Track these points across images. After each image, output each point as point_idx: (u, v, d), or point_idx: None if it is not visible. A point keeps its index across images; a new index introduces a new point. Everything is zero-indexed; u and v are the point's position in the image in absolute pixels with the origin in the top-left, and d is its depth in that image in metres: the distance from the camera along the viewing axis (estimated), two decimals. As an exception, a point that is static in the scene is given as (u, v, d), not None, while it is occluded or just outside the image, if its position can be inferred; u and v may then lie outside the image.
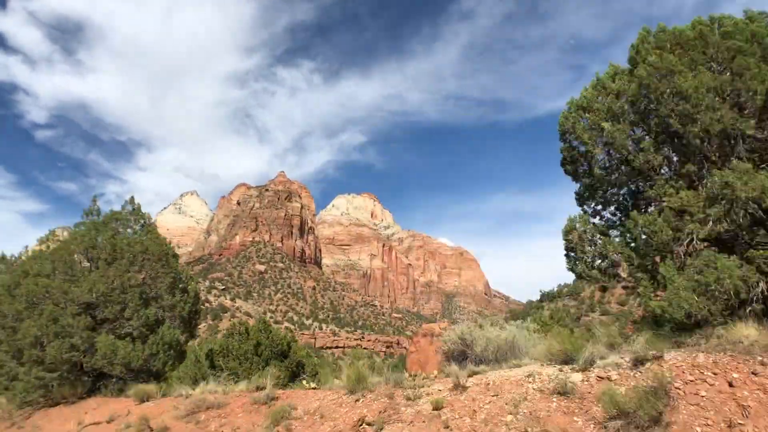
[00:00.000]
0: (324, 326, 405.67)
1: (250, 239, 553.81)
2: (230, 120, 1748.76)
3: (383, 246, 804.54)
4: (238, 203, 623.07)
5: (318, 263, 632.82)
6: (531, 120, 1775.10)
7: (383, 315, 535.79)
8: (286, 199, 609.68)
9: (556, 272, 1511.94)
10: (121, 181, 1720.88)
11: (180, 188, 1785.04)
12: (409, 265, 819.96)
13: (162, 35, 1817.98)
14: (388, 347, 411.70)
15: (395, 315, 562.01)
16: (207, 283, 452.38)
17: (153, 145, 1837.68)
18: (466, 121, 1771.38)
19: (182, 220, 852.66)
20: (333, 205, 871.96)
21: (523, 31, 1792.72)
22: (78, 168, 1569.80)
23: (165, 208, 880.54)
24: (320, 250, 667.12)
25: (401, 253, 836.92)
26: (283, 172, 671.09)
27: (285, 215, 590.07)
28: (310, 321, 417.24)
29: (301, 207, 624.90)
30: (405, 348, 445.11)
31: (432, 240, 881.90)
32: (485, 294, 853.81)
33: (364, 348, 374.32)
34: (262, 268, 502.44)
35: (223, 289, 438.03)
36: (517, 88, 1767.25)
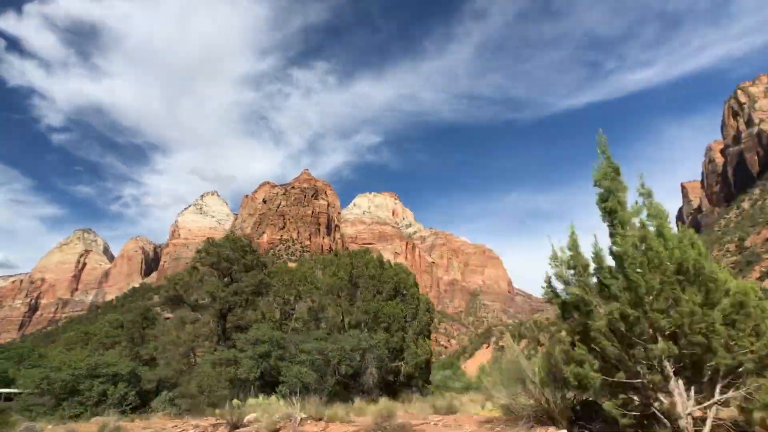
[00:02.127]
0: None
1: (278, 237, 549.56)
2: (245, 122, 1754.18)
3: (406, 244, 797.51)
4: (264, 201, 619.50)
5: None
6: (546, 118, 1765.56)
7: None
8: (312, 196, 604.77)
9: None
10: (138, 183, 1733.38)
11: (196, 190, 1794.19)
12: (433, 263, 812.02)
13: (176, 38, 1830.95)
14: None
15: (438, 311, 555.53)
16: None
17: (169, 147, 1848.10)
18: (480, 120, 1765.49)
19: (203, 221, 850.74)
20: (354, 204, 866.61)
21: (536, 29, 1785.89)
22: (95, 171, 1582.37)
23: (186, 208, 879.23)
24: (347, 248, 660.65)
25: (424, 251, 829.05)
26: (307, 170, 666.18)
27: (312, 213, 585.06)
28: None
29: (328, 205, 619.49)
30: (444, 346, 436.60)
31: (454, 238, 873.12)
32: (509, 292, 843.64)
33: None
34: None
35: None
36: (531, 86, 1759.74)
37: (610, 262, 13.52)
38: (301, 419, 18.76)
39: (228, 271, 48.18)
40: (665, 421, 12.14)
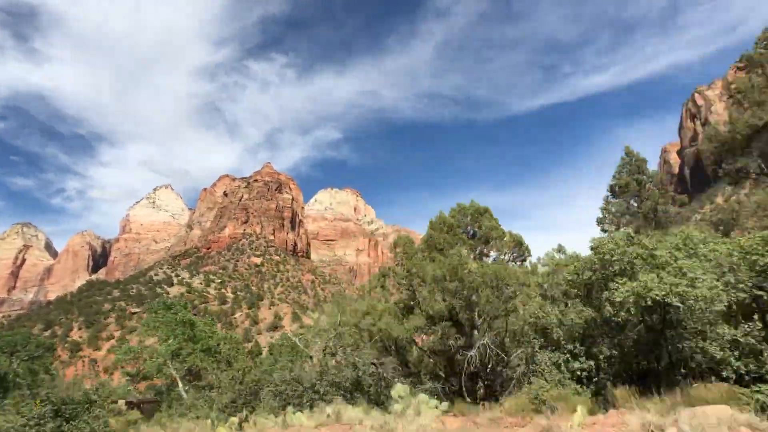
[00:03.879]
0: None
1: (241, 231, 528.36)
2: (200, 114, 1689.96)
3: (369, 241, 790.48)
4: (225, 194, 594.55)
5: (308, 257, 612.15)
6: (505, 119, 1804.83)
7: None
8: (276, 190, 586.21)
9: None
10: (82, 176, 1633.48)
11: (148, 184, 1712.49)
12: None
13: (129, 26, 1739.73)
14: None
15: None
16: (201, 276, 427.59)
17: (117, 139, 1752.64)
18: (442, 118, 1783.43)
19: (157, 215, 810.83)
20: (316, 200, 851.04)
21: (497, 31, 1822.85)
22: (34, 162, 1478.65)
23: (137, 202, 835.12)
24: (309, 244, 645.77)
25: (386, 248, 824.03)
26: (269, 163, 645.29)
27: (276, 207, 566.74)
28: (317, 315, 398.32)
29: (292, 199, 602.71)
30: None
31: (418, 235, 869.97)
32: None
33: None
34: (258, 260, 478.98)
35: (220, 282, 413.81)
36: (491, 87, 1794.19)
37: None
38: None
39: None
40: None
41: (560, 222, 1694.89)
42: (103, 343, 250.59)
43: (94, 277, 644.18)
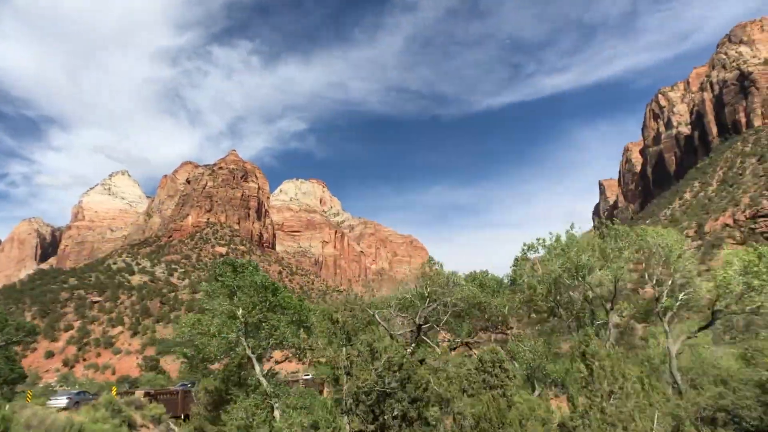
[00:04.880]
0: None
1: (205, 220, 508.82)
2: (159, 100, 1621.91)
3: (335, 233, 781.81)
4: (188, 182, 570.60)
5: (274, 248, 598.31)
6: (470, 115, 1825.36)
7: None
8: (242, 178, 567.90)
9: (491, 262, 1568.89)
10: (29, 161, 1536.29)
11: (102, 171, 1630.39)
12: (361, 252, 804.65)
13: (84, 4, 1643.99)
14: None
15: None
16: (163, 265, 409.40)
17: (69, 123, 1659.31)
18: (408, 113, 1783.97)
19: (113, 202, 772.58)
20: (281, 190, 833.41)
21: (464, 27, 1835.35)
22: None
23: (92, 188, 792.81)
24: (275, 235, 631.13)
25: (352, 240, 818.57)
26: (234, 150, 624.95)
27: (242, 196, 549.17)
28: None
29: (258, 188, 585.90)
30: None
31: (383, 228, 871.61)
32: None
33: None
34: (223, 250, 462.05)
35: (183, 272, 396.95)
36: (457, 83, 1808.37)
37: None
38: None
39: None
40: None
41: (521, 219, 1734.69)
42: (60, 334, 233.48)
43: (44, 265, 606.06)
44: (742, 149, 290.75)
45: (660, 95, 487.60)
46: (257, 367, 29.66)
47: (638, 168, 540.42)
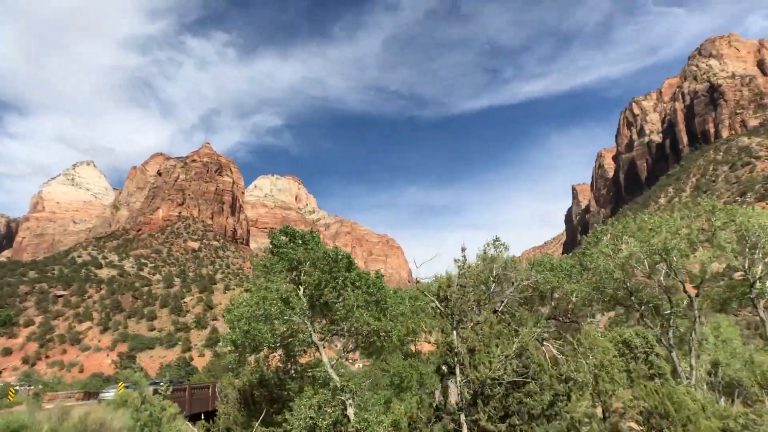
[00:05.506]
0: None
1: (177, 213, 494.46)
2: (128, 89, 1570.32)
3: (310, 231, 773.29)
4: (159, 174, 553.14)
5: (248, 245, 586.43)
6: (448, 117, 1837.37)
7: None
8: (216, 172, 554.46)
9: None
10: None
11: (64, 160, 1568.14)
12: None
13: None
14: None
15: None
16: (132, 259, 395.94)
17: (28, 109, 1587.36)
18: (386, 112, 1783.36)
19: (76, 193, 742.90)
20: (255, 186, 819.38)
21: (444, 30, 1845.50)
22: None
23: (53, 178, 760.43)
24: (249, 231, 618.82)
25: (328, 238, 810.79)
26: (208, 143, 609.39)
27: (216, 190, 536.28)
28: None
29: (233, 183, 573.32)
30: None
31: (359, 227, 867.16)
32: (408, 282, 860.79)
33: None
34: (195, 245, 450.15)
35: (153, 267, 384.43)
36: (435, 85, 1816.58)
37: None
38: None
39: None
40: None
41: (496, 221, 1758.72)
42: (20, 330, 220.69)
43: None
44: (714, 157, 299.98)
45: (634, 104, 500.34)
46: (324, 357, 25.96)
47: (611, 174, 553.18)
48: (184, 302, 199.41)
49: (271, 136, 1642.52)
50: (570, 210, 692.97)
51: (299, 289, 26.16)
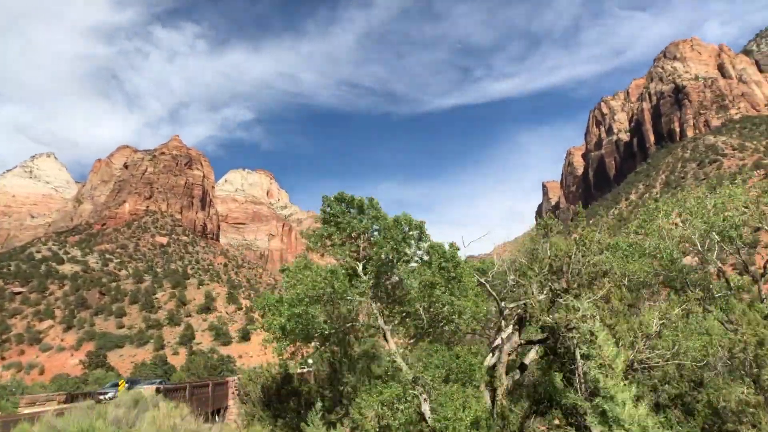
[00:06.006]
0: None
1: (144, 208, 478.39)
2: (92, 79, 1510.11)
3: (283, 226, 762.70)
4: (126, 167, 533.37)
5: (218, 240, 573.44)
6: (420, 114, 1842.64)
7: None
8: (186, 165, 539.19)
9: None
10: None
11: (22, 152, 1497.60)
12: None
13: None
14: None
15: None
16: (96, 255, 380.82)
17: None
18: (359, 108, 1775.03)
19: (34, 186, 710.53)
20: (226, 180, 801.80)
21: (417, 28, 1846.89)
22: None
23: (9, 170, 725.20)
24: (219, 226, 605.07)
25: (301, 234, 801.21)
26: (177, 136, 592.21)
27: (185, 184, 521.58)
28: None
29: (203, 176, 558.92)
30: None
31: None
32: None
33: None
34: (164, 240, 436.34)
35: (119, 263, 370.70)
36: (408, 82, 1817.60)
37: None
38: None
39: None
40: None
41: (468, 217, 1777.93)
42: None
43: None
44: (682, 155, 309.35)
45: (603, 103, 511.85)
46: (392, 345, 23.05)
47: (580, 171, 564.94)
48: (156, 298, 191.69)
49: (241, 130, 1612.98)
50: (540, 206, 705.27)
51: (358, 266, 23.41)
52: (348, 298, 22.00)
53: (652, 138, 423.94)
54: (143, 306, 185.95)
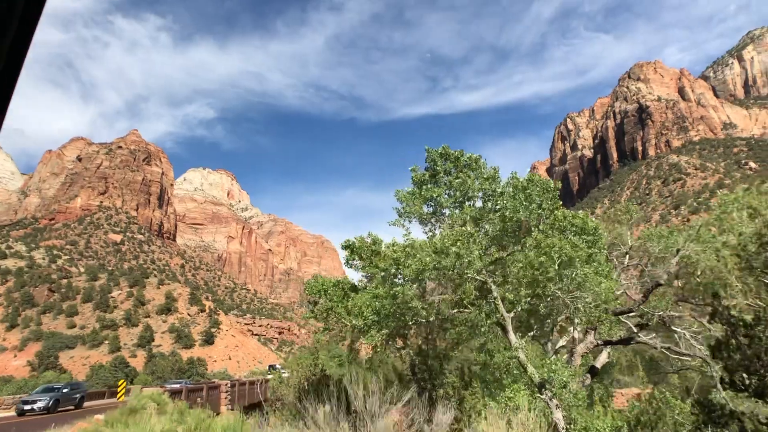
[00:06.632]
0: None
1: (97, 203, 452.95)
2: (44, 67, 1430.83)
3: (243, 228, 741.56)
4: (79, 159, 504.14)
5: (175, 240, 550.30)
6: (387, 122, 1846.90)
7: (262, 299, 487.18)
8: (144, 161, 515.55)
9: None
10: None
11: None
12: (270, 250, 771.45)
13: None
14: (280, 333, 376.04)
15: (272, 300, 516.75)
16: (42, 251, 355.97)
17: None
18: (326, 112, 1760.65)
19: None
20: (185, 179, 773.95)
21: (387, 35, 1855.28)
22: None
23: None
24: (176, 226, 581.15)
25: (261, 237, 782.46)
26: (136, 130, 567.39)
27: (143, 180, 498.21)
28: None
29: (162, 173, 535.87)
30: (296, 335, 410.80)
31: (293, 226, 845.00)
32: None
33: (256, 334, 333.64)
34: (117, 238, 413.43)
35: (68, 259, 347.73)
36: (376, 88, 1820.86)
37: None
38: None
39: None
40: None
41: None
42: None
43: None
44: (647, 173, 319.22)
45: (568, 119, 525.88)
46: (514, 339, 17.72)
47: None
48: (112, 297, 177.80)
49: (203, 128, 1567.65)
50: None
51: (474, 235, 17.83)
52: (468, 275, 16.51)
53: (615, 155, 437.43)
54: (98, 305, 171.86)
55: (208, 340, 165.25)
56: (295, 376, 27.47)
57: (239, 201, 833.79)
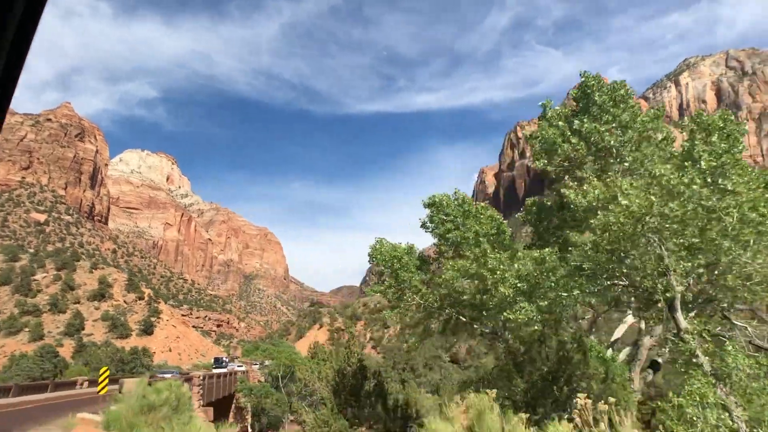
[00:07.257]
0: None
1: (19, 179, 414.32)
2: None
3: (181, 215, 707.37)
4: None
5: (107, 224, 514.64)
6: (341, 116, 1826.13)
7: (200, 290, 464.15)
8: (76, 137, 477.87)
9: (348, 264, 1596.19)
10: None
11: None
12: (209, 240, 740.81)
13: None
14: (218, 326, 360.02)
15: (210, 292, 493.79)
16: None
17: None
18: (276, 101, 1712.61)
19: None
20: (121, 160, 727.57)
21: (345, 30, 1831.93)
22: None
23: None
24: (109, 209, 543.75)
25: (201, 226, 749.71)
26: (69, 103, 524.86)
27: (74, 157, 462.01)
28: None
29: (96, 152, 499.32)
30: (235, 328, 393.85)
31: (237, 217, 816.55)
32: (284, 278, 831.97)
33: (194, 326, 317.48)
34: (41, 218, 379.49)
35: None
36: (331, 82, 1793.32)
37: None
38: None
39: None
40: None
41: (377, 225, 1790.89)
42: None
43: None
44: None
45: (518, 127, 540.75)
46: (683, 323, 13.39)
47: (491, 190, 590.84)
48: (35, 280, 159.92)
49: (143, 107, 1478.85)
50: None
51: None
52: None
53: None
54: (17, 288, 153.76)
55: (147, 330, 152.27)
56: (325, 368, 22.05)
57: (179, 187, 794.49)
